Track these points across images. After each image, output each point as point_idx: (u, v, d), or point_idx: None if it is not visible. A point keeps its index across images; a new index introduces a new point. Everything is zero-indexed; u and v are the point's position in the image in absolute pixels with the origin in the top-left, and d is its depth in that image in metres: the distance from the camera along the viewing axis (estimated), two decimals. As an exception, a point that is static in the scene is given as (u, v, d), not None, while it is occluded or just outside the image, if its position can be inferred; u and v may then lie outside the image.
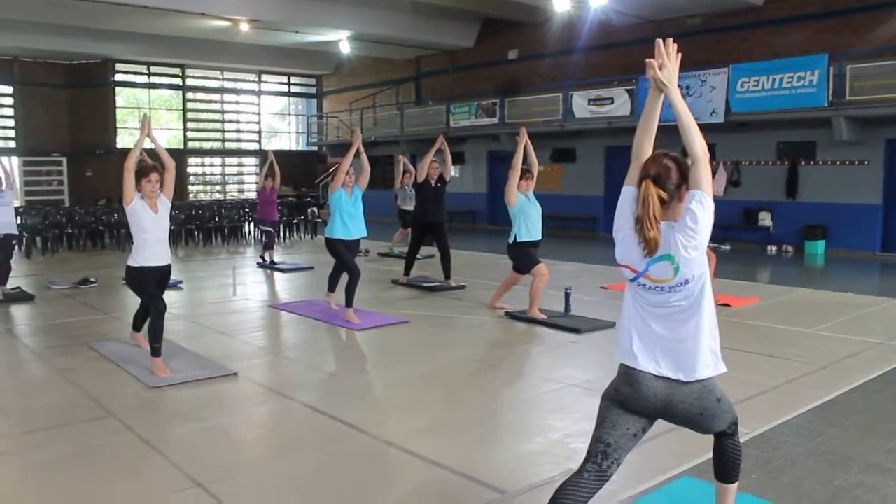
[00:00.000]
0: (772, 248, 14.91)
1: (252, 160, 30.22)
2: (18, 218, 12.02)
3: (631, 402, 2.89)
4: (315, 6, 20.10)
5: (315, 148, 29.94)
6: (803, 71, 13.75)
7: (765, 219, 15.36)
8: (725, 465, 3.14)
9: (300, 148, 31.58)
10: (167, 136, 29.15)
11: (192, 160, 29.19)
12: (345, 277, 8.14)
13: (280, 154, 17.00)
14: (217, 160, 30.16)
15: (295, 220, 18.21)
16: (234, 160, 30.70)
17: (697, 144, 2.83)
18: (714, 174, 9.11)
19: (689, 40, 18.18)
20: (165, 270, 6.32)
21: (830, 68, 13.62)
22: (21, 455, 4.30)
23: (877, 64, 13.51)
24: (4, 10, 19.03)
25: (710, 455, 4.02)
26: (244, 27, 21.15)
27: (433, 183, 10.30)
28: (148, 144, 6.39)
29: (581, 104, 17.72)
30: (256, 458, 4.29)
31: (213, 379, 5.79)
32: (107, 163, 26.77)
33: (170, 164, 6.29)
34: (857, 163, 14.38)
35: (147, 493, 3.75)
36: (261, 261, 12.93)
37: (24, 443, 4.47)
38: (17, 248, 10.36)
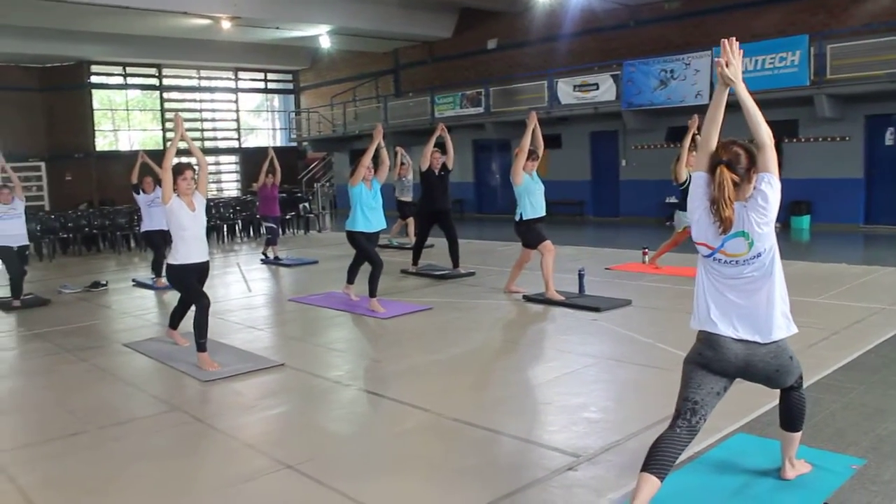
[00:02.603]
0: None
1: (231, 158, 30.18)
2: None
3: (713, 363, 3.19)
4: (295, 1, 20.19)
5: (294, 144, 29.95)
6: (785, 51, 14.14)
7: (751, 196, 15.76)
8: (793, 415, 3.46)
9: (279, 144, 31.54)
10: (142, 137, 29.04)
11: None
12: (363, 269, 8.38)
13: (258, 151, 17.08)
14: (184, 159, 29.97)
15: (287, 217, 18.32)
16: (212, 159, 30.61)
17: (763, 131, 3.11)
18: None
19: (668, 24, 18.63)
20: (205, 266, 6.50)
21: (811, 48, 14.03)
22: (104, 448, 4.47)
23: (856, 43, 13.95)
24: (-28, 14, 18.89)
25: (759, 412, 4.43)
26: (225, 24, 21.15)
27: (437, 172, 10.53)
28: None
29: (566, 91, 18.01)
30: (334, 440, 4.53)
31: (261, 370, 6.00)
32: (86, 166, 26.64)
33: (204, 162, 6.49)
34: (838, 139, 14.85)
35: (240, 476, 3.95)
36: (264, 257, 13.09)
37: (102, 437, 4.65)
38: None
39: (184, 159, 7.05)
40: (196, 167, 6.44)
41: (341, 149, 26.77)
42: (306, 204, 19.87)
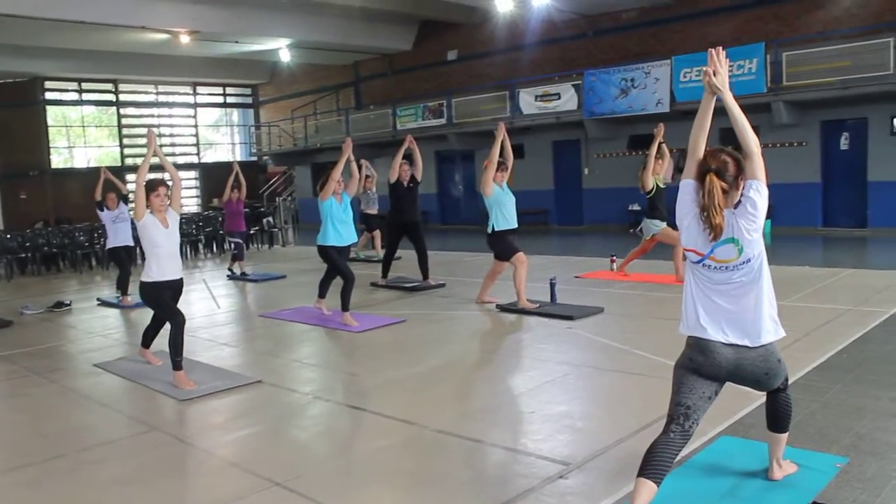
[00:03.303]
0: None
1: (191, 174, 29.82)
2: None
3: (704, 368, 3.23)
4: (254, 15, 20.10)
5: (255, 158, 29.75)
6: (742, 59, 14.43)
7: (712, 202, 16.04)
8: (780, 417, 3.53)
9: (239, 159, 31.27)
10: (98, 154, 28.60)
11: (130, 177, 28.64)
12: (335, 283, 8.35)
13: (218, 166, 16.82)
14: (157, 175, 29.56)
15: (252, 231, 18.15)
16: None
17: (751, 140, 3.19)
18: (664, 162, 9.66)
19: (625, 34, 18.92)
20: (179, 284, 6.44)
21: (767, 56, 14.33)
22: (84, 471, 4.37)
23: (810, 50, 14.30)
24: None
25: (741, 414, 4.50)
26: (184, 39, 20.97)
27: (406, 183, 10.52)
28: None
29: (528, 101, 18.16)
30: (319, 456, 4.50)
31: (239, 387, 5.93)
32: (41, 184, 26.18)
33: (177, 178, 6.43)
34: (796, 144, 15.19)
35: (229, 495, 3.89)
36: (230, 273, 12.95)
37: (82, 460, 4.54)
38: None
39: (154, 175, 6.95)
40: (169, 183, 6.37)
41: (303, 162, 26.66)
42: (270, 218, 19.71)
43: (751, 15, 16.78)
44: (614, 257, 10.69)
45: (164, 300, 6.28)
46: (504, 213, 8.35)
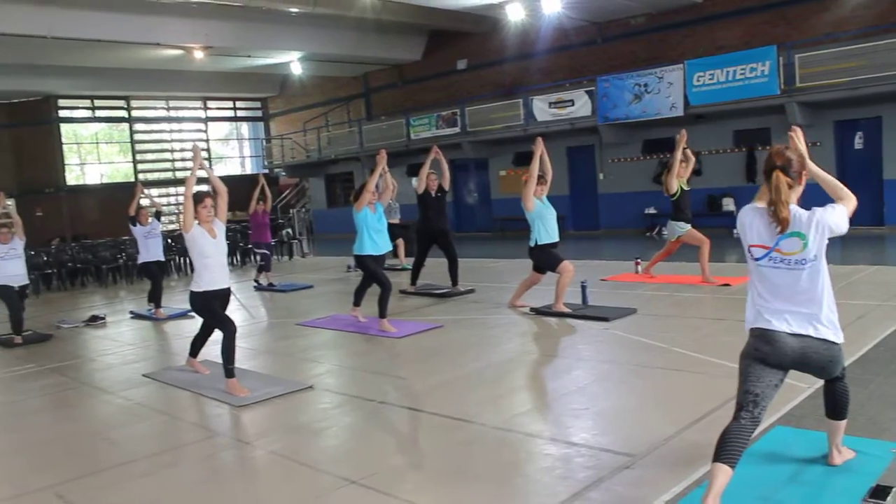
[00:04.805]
0: (737, 232, 15.71)
1: (202, 187, 29.81)
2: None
3: (770, 357, 3.41)
4: (266, 29, 20.36)
5: (267, 171, 29.96)
6: (755, 62, 14.63)
7: (728, 204, 16.25)
8: (839, 404, 3.70)
9: (248, 172, 31.52)
10: (110, 170, 28.86)
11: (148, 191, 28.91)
12: (369, 292, 8.58)
13: (227, 179, 17.02)
14: (170, 190, 29.91)
15: (272, 242, 18.32)
16: (183, 189, 30.43)
17: (845, 194, 3.50)
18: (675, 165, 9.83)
19: (634, 40, 19.14)
20: (227, 292, 6.62)
21: (779, 58, 14.51)
22: (160, 475, 4.54)
23: (822, 52, 14.48)
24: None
25: (792, 405, 4.67)
26: (198, 55, 21.23)
27: (434, 193, 10.72)
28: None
29: (542, 108, 18.37)
30: (388, 454, 4.65)
31: (292, 393, 6.09)
32: (57, 201, 26.46)
33: (222, 190, 6.61)
34: (810, 145, 15.26)
35: (309, 494, 4.07)
36: (257, 284, 13.13)
37: (156, 464, 4.71)
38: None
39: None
40: (214, 195, 6.55)
41: (316, 174, 26.89)
42: (289, 230, 19.91)
43: (759, 18, 16.98)
44: (639, 260, 10.86)
45: (214, 309, 6.45)
46: (546, 226, 8.51)
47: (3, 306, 9.70)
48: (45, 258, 15.99)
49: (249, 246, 15.90)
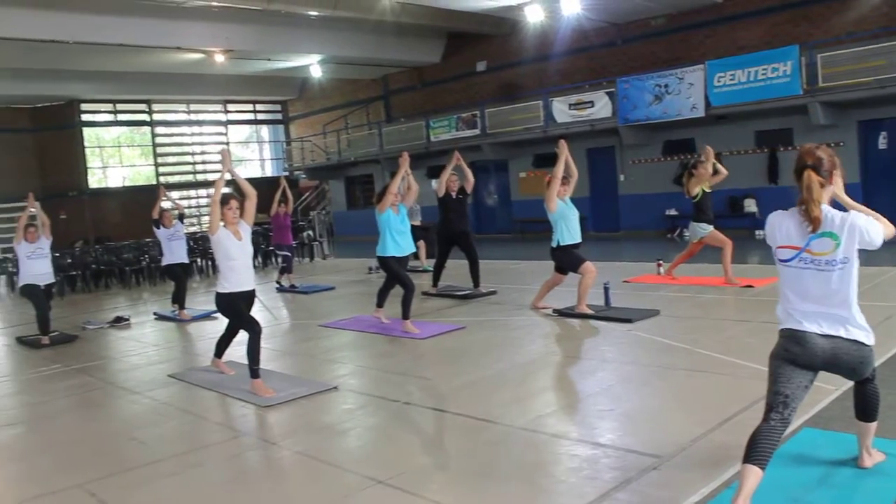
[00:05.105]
0: (759, 233, 15.60)
1: (224, 190, 30.13)
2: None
3: (800, 358, 3.39)
4: (286, 32, 20.46)
5: (287, 173, 30.10)
6: (777, 62, 14.54)
7: (750, 205, 16.16)
8: (868, 406, 3.68)
9: (269, 174, 31.67)
10: (131, 173, 29.11)
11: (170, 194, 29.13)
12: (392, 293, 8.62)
13: (248, 182, 17.20)
14: (191, 193, 30.16)
15: (293, 244, 18.41)
16: (203, 192, 30.71)
17: (883, 221, 3.37)
18: (697, 168, 9.81)
19: (654, 40, 19.07)
20: (252, 294, 6.66)
21: (802, 58, 14.41)
22: (188, 475, 4.58)
23: (845, 51, 14.37)
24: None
25: (819, 407, 4.64)
26: (219, 58, 21.38)
27: (454, 195, 10.74)
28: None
29: (562, 109, 18.35)
30: (414, 455, 4.67)
31: (316, 394, 6.12)
32: (80, 204, 26.69)
33: (251, 193, 6.66)
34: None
35: (336, 493, 4.09)
36: (279, 285, 13.21)
37: (183, 464, 4.74)
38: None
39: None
40: (240, 197, 6.59)
41: (336, 176, 27.00)
42: (310, 232, 20.01)
43: (780, 18, 16.87)
44: (661, 261, 10.82)
45: (240, 310, 6.50)
46: (569, 227, 8.50)
47: (31, 308, 9.81)
48: (70, 260, 16.17)
49: (271, 248, 15.97)
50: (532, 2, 18.06)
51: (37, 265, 9.63)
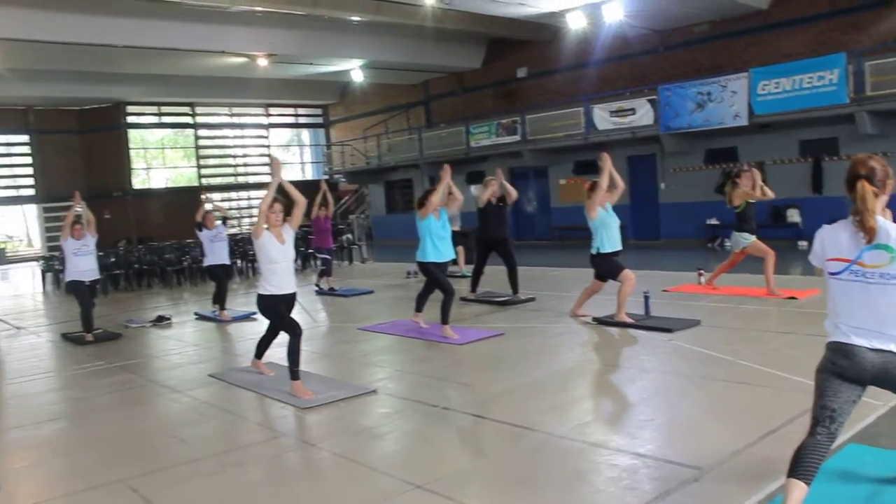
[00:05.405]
0: (802, 244, 15.37)
1: (263, 193, 30.49)
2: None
3: (848, 372, 3.32)
4: (329, 37, 20.62)
5: (326, 177, 30.35)
6: (823, 70, 14.30)
7: (793, 215, 15.91)
8: None
9: (309, 178, 31.96)
10: (171, 174, 29.56)
11: (204, 196, 29.51)
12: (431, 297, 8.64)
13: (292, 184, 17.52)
14: (232, 195, 30.58)
15: (333, 248, 18.54)
16: (245, 194, 31.12)
17: None
18: (740, 177, 9.69)
19: (697, 48, 18.89)
20: (293, 297, 6.71)
21: (849, 66, 14.17)
22: (228, 473, 4.62)
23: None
24: (18, 61, 19.48)
25: (865, 423, 4.56)
26: (262, 62, 21.64)
27: (494, 201, 10.74)
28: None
29: (603, 116, 18.25)
30: (453, 460, 4.68)
31: (355, 397, 6.16)
32: (124, 204, 27.19)
33: (301, 201, 6.72)
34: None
35: (374, 497, 4.10)
36: (317, 288, 13.31)
37: (223, 463, 4.80)
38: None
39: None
40: (285, 200, 6.64)
41: (375, 180, 27.15)
42: (349, 235, 20.13)
43: (828, 25, 16.60)
44: (701, 271, 10.71)
45: (281, 312, 6.56)
46: (609, 235, 8.47)
47: (76, 305, 10.00)
48: (113, 259, 16.46)
49: (311, 251, 16.09)
50: (575, 8, 18.00)
51: (82, 262, 9.83)
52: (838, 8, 16.35)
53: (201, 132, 29.88)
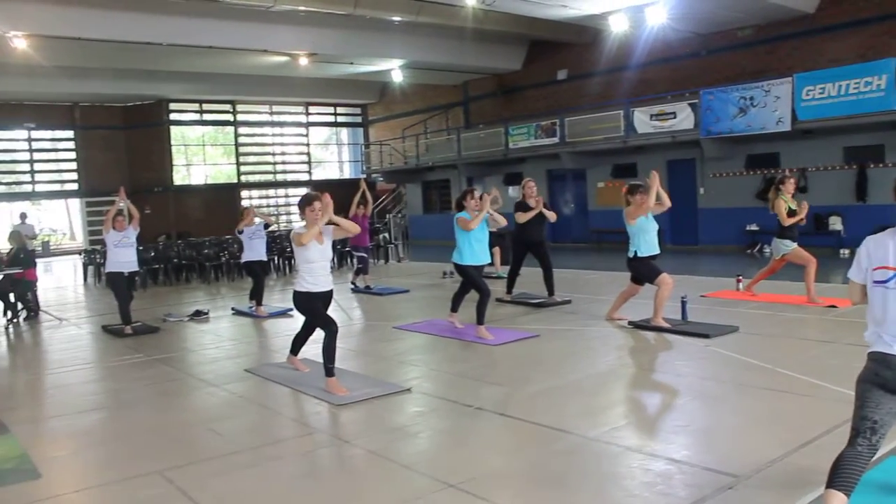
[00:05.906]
0: (844, 252, 15.11)
1: (302, 190, 30.79)
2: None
3: (890, 382, 3.27)
4: (370, 37, 20.71)
5: (364, 175, 30.50)
6: (870, 76, 14.03)
7: (835, 223, 15.63)
8: None
9: (347, 176, 32.17)
10: (210, 171, 29.94)
11: (244, 193, 29.88)
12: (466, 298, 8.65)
13: (326, 184, 17.56)
14: (270, 192, 30.88)
15: (370, 246, 18.64)
16: (283, 191, 31.41)
17: None
18: (783, 184, 9.57)
19: (740, 52, 18.64)
20: (329, 294, 6.75)
21: (898, 72, 13.90)
22: (264, 467, 4.66)
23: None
24: (65, 59, 19.85)
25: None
26: (303, 61, 21.81)
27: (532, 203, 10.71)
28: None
29: (643, 120, 18.10)
30: (486, 460, 4.66)
31: (390, 395, 6.18)
32: (164, 199, 27.57)
33: (350, 230, 6.88)
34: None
35: (408, 495, 4.11)
36: (353, 286, 13.38)
37: (259, 457, 4.84)
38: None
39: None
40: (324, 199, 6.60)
41: (413, 180, 27.22)
42: (385, 234, 20.20)
43: (877, 29, 16.27)
44: (740, 277, 10.58)
45: (317, 309, 6.60)
46: (647, 239, 8.42)
47: (115, 298, 10.17)
48: (153, 254, 16.71)
49: (347, 249, 16.20)
50: (617, 11, 17.87)
51: (123, 253, 10.02)
52: (887, 12, 16.03)
53: (241, 130, 30.20)
